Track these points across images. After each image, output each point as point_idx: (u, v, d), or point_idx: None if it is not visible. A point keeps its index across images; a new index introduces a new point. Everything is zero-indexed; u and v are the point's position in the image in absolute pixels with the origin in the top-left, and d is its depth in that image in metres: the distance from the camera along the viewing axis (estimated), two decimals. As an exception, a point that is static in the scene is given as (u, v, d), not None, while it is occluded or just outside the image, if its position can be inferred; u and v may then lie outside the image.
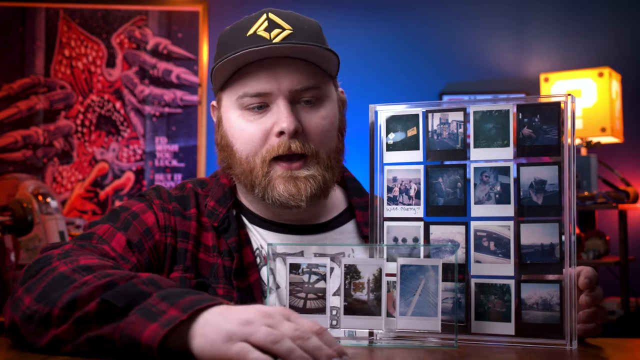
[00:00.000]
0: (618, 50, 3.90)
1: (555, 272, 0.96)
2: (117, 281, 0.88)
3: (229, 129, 1.20)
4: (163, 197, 1.21)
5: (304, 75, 1.17)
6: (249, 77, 1.16)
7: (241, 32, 1.17)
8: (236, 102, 1.18)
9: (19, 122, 3.86)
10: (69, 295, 0.89)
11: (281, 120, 1.14)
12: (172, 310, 0.82)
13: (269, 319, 0.80)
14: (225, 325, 0.79)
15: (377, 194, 1.06)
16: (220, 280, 1.14)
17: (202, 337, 0.80)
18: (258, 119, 1.16)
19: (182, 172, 3.89)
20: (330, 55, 1.17)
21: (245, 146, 1.17)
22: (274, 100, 1.16)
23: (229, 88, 1.19)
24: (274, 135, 1.15)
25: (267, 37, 1.15)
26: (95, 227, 1.13)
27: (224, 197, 1.23)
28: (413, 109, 1.05)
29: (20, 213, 2.55)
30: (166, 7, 3.95)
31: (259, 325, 0.79)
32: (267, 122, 1.16)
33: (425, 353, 0.92)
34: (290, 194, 1.14)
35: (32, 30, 3.90)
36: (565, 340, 0.94)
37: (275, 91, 1.15)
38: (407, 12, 4.01)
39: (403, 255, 0.99)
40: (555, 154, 0.97)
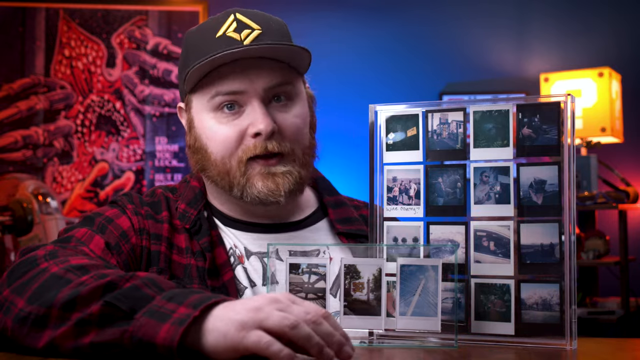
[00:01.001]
0: (618, 50, 3.90)
1: (555, 272, 0.96)
2: (117, 281, 0.87)
3: (202, 130, 1.19)
4: (135, 202, 1.21)
5: (276, 73, 1.17)
6: (222, 78, 1.15)
7: (210, 34, 1.16)
8: (208, 103, 1.17)
9: (19, 122, 3.86)
10: (66, 294, 0.87)
11: (257, 121, 1.14)
12: (181, 309, 0.81)
13: (277, 304, 0.80)
14: (235, 316, 0.79)
15: (377, 194, 1.06)
16: (195, 280, 1.13)
17: (214, 331, 0.79)
18: (232, 120, 1.16)
19: (182, 172, 3.89)
20: (302, 52, 1.16)
21: (220, 148, 1.17)
22: (248, 100, 1.16)
23: (201, 90, 1.18)
24: (249, 136, 1.15)
25: (238, 38, 1.14)
26: (72, 231, 1.13)
27: (194, 199, 1.23)
28: (413, 109, 1.05)
29: (20, 213, 2.55)
30: (166, 7, 3.95)
31: (269, 311, 0.79)
32: (242, 123, 1.16)
33: (425, 353, 0.92)
34: (269, 189, 1.15)
35: (32, 30, 3.90)
36: (565, 340, 0.94)
37: (249, 90, 1.15)
38: (407, 12, 4.01)
39: (403, 255, 0.99)
40: (555, 154, 0.97)
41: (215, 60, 1.13)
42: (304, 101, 1.23)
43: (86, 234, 1.11)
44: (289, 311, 0.79)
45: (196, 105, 1.20)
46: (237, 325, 0.78)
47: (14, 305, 0.91)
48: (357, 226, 1.24)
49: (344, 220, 1.25)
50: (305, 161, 1.19)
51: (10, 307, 0.91)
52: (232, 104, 1.16)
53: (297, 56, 1.17)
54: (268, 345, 0.76)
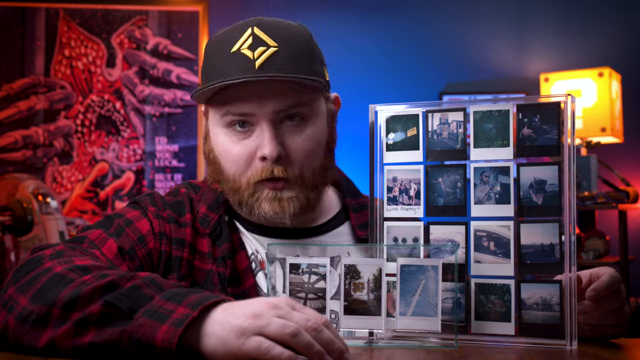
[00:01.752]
0: (618, 50, 3.90)
1: (555, 272, 0.96)
2: (118, 281, 0.87)
3: (215, 145, 1.20)
4: (158, 204, 1.20)
5: (288, 95, 1.14)
6: (233, 97, 1.14)
7: (226, 48, 1.15)
8: (221, 120, 1.17)
9: (19, 122, 3.86)
10: (67, 294, 0.88)
11: (264, 146, 1.13)
12: (180, 309, 0.82)
13: (277, 310, 0.80)
14: (235, 321, 0.79)
15: (377, 194, 1.06)
16: (216, 287, 1.13)
17: (212, 336, 0.79)
18: (242, 140, 1.15)
19: (182, 172, 3.89)
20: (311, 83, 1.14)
21: (231, 165, 1.17)
22: (257, 121, 1.14)
23: (215, 105, 1.18)
24: (257, 159, 1.14)
25: (251, 56, 1.12)
26: (87, 231, 1.12)
27: (215, 202, 1.22)
28: (413, 109, 1.05)
29: (20, 213, 2.55)
30: (166, 7, 3.95)
31: (269, 317, 0.79)
32: (251, 145, 1.15)
33: (425, 353, 0.92)
34: (275, 212, 1.15)
35: (32, 30, 3.90)
36: (565, 340, 0.94)
37: (259, 113, 1.13)
38: (407, 12, 4.01)
39: (403, 255, 0.99)
40: (555, 154, 0.97)
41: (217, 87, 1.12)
42: (322, 119, 1.19)
43: (100, 236, 1.11)
44: (289, 318, 0.79)
45: (212, 118, 1.20)
46: (237, 331, 0.78)
47: (17, 303, 0.91)
48: None
49: (365, 225, 1.22)
50: (314, 184, 1.18)
51: (13, 305, 0.92)
52: (243, 122, 1.15)
53: (307, 82, 1.15)
54: (268, 350, 0.76)
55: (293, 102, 1.14)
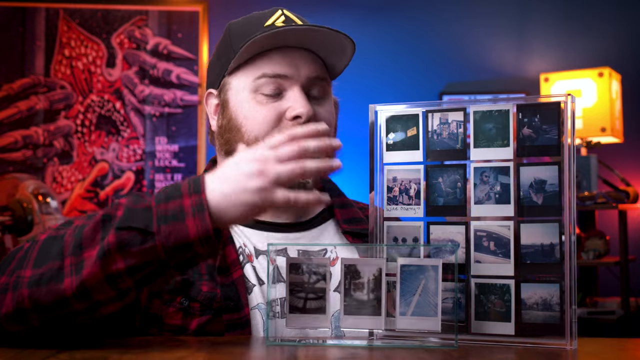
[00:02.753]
0: (618, 50, 3.90)
1: (555, 272, 0.96)
2: (109, 212, 0.92)
3: (239, 109, 1.21)
4: None
5: (318, 66, 1.22)
6: (269, 60, 1.19)
7: (258, 23, 1.20)
8: (252, 84, 1.19)
9: (19, 122, 3.86)
10: (68, 243, 0.92)
11: (298, 105, 1.17)
12: (186, 201, 0.90)
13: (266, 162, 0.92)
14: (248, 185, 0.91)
15: (377, 194, 1.05)
16: (204, 277, 1.14)
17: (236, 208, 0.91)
18: (271, 103, 1.19)
19: (182, 172, 3.89)
20: (346, 49, 1.21)
21: (256, 127, 1.19)
22: (290, 85, 1.19)
23: (244, 70, 1.21)
24: (287, 120, 1.18)
25: None
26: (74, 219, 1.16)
27: None
28: (413, 109, 1.05)
29: (20, 213, 2.55)
30: (166, 7, 3.95)
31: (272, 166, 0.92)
32: (282, 106, 1.19)
33: (425, 353, 0.92)
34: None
35: (32, 30, 3.90)
36: (565, 340, 0.94)
37: (294, 75, 1.19)
38: (407, 12, 4.01)
39: (403, 255, 0.99)
40: (555, 154, 0.97)
41: (269, 37, 1.16)
42: (332, 104, 1.26)
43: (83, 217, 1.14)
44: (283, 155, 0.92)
45: (236, 86, 1.22)
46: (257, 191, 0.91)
47: (20, 277, 0.93)
48: (363, 226, 1.25)
49: (350, 220, 1.26)
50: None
51: (17, 282, 0.93)
52: (274, 88, 1.19)
53: (340, 50, 1.21)
54: (297, 198, 0.93)
55: (320, 74, 1.22)
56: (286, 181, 0.92)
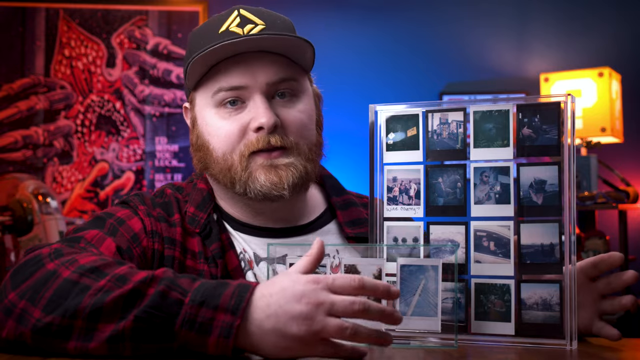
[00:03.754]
0: (618, 50, 3.90)
1: (555, 272, 0.96)
2: (139, 288, 0.85)
3: (204, 127, 1.18)
4: (147, 203, 1.18)
5: (280, 68, 1.15)
6: (224, 73, 1.14)
7: (212, 30, 1.16)
8: (211, 100, 1.16)
9: (19, 122, 3.86)
10: (88, 304, 0.85)
11: (259, 115, 1.12)
12: (220, 316, 0.82)
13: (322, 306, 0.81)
14: (289, 330, 0.81)
15: (377, 194, 1.05)
16: None
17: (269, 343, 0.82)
18: (234, 115, 1.15)
19: (182, 172, 3.89)
20: (305, 47, 1.15)
21: (222, 144, 1.15)
22: (250, 95, 1.14)
23: (203, 86, 1.17)
24: (251, 131, 1.13)
25: (241, 32, 1.14)
26: (81, 232, 1.09)
27: (203, 202, 1.21)
28: (413, 109, 1.05)
29: (20, 213, 2.55)
30: (166, 7, 3.95)
31: (321, 320, 0.80)
32: (244, 118, 1.14)
33: (425, 353, 0.92)
34: (272, 183, 1.13)
35: (32, 30, 3.90)
36: (565, 340, 0.94)
37: (251, 85, 1.14)
38: (407, 12, 4.01)
39: (403, 255, 0.99)
40: (555, 154, 0.97)
41: (214, 51, 1.11)
42: (310, 98, 1.21)
43: (97, 236, 1.08)
44: (336, 310, 0.80)
45: (199, 103, 1.19)
46: (297, 340, 0.81)
47: (28, 314, 0.88)
48: (367, 228, 1.23)
49: (352, 222, 1.23)
50: (311, 156, 1.17)
51: (24, 317, 0.88)
52: (234, 100, 1.15)
53: (298, 49, 1.16)
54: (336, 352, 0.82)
55: (284, 76, 1.15)
56: (331, 337, 0.82)
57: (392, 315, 0.83)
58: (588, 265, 1.05)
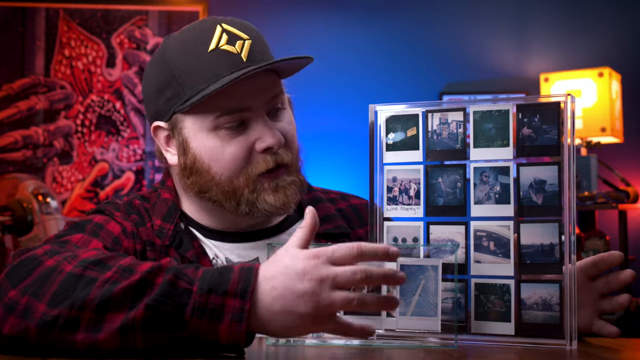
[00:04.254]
0: (618, 50, 3.90)
1: (555, 272, 0.96)
2: (147, 277, 0.84)
3: (203, 151, 1.13)
4: (121, 210, 1.18)
5: (274, 83, 1.16)
6: (227, 96, 1.10)
7: (200, 48, 1.12)
8: (211, 123, 1.12)
9: (19, 122, 3.86)
10: (96, 295, 0.84)
11: (266, 136, 1.12)
12: (229, 301, 0.83)
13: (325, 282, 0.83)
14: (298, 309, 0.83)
15: (377, 194, 1.05)
16: None
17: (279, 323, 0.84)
18: (236, 137, 1.12)
19: (182, 172, 3.89)
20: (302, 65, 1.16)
21: (226, 167, 1.13)
22: (253, 115, 1.13)
23: (201, 110, 1.12)
24: (257, 152, 1.13)
25: (235, 50, 1.11)
26: (65, 237, 1.08)
27: (168, 213, 1.19)
28: (413, 109, 1.05)
29: (20, 213, 2.56)
30: (166, 7, 3.95)
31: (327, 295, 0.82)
32: (249, 139, 1.13)
33: (425, 353, 0.92)
34: (281, 203, 1.14)
35: (32, 30, 3.90)
36: (565, 340, 0.94)
37: (255, 105, 1.12)
38: (407, 12, 4.01)
39: (403, 255, 0.99)
40: (555, 154, 0.97)
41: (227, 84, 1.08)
42: (289, 109, 1.22)
43: (82, 239, 1.07)
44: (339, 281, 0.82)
45: (192, 126, 1.14)
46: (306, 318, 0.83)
47: (33, 309, 0.86)
48: (336, 223, 1.23)
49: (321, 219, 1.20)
50: (299, 167, 1.19)
51: (29, 312, 0.87)
52: (236, 123, 1.12)
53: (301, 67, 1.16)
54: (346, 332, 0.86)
55: (278, 90, 1.16)
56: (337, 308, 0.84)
57: (394, 276, 0.85)
58: (588, 264, 1.05)
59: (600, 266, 1.06)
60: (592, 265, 1.06)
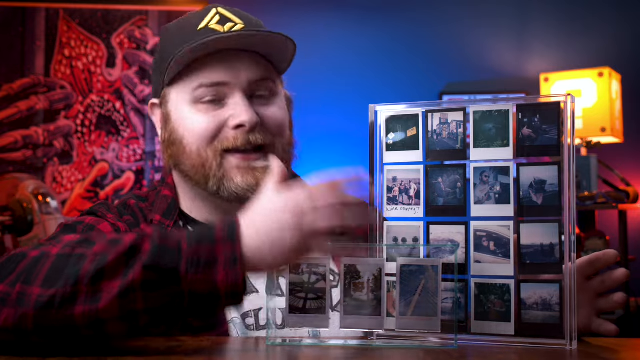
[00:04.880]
0: (618, 50, 3.90)
1: (555, 272, 0.96)
2: (136, 243, 0.86)
3: (179, 122, 1.16)
4: (113, 211, 1.18)
5: (260, 67, 1.17)
6: (206, 68, 1.14)
7: (190, 27, 1.15)
8: (190, 95, 1.15)
9: (19, 122, 3.86)
10: (89, 268, 0.84)
11: (240, 113, 1.13)
12: (219, 247, 0.85)
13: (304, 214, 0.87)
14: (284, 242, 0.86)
15: (377, 194, 1.05)
16: None
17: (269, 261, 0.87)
18: (211, 112, 1.14)
19: (182, 172, 3.89)
20: (288, 44, 1.16)
21: (196, 138, 1.14)
22: (231, 92, 1.14)
23: (181, 82, 1.16)
24: (229, 128, 1.14)
25: (222, 29, 1.14)
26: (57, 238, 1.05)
27: (168, 209, 1.20)
28: (413, 109, 1.05)
29: (20, 213, 2.55)
30: (166, 7, 3.95)
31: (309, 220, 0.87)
32: (223, 115, 1.14)
33: (425, 353, 0.92)
34: (248, 185, 1.13)
35: (32, 30, 3.90)
36: (565, 340, 0.94)
37: (233, 82, 1.14)
38: (407, 12, 4.01)
39: (403, 255, 0.99)
40: (555, 154, 0.97)
41: (199, 46, 1.11)
42: (283, 101, 1.22)
43: None
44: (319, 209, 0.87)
45: (175, 98, 1.18)
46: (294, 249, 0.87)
47: (27, 295, 0.86)
48: None
49: None
50: (286, 157, 1.18)
51: (23, 298, 0.86)
52: (213, 98, 1.14)
53: (283, 47, 1.16)
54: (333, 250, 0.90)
55: (264, 75, 1.17)
56: (322, 235, 0.88)
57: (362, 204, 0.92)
58: (584, 263, 1.05)
59: (596, 265, 1.06)
60: (588, 265, 1.05)
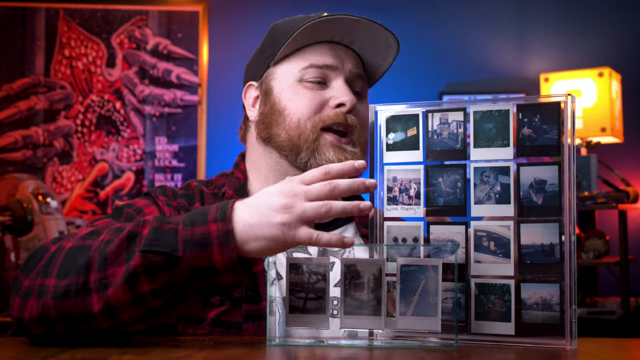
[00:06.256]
0: (618, 50, 3.90)
1: (555, 272, 0.96)
2: (134, 230, 0.92)
3: (284, 94, 1.25)
4: (167, 194, 1.24)
5: (360, 66, 1.29)
6: (315, 51, 1.25)
7: (302, 18, 1.25)
8: (298, 73, 1.24)
9: (19, 122, 3.86)
10: (95, 256, 0.92)
11: (342, 94, 1.23)
12: (212, 227, 0.90)
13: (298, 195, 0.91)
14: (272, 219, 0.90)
15: (377, 194, 1.05)
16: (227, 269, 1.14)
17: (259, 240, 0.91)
18: (316, 90, 1.24)
19: (182, 172, 3.89)
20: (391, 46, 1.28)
21: (299, 110, 1.22)
22: (335, 77, 1.25)
23: (290, 60, 1.26)
24: (330, 107, 1.23)
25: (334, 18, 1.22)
26: (97, 222, 1.14)
27: (240, 189, 1.27)
28: (413, 109, 1.05)
29: (20, 213, 2.55)
30: (166, 7, 3.95)
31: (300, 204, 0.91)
32: (326, 94, 1.24)
33: (425, 353, 0.92)
34: (339, 160, 1.20)
35: (32, 30, 3.90)
36: (565, 340, 0.94)
37: (339, 67, 1.25)
38: (407, 11, 4.01)
39: (403, 255, 0.99)
40: (555, 154, 0.97)
41: (323, 21, 1.20)
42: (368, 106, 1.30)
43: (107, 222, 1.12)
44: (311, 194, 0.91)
45: (282, 75, 1.26)
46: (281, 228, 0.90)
47: (45, 286, 0.93)
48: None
49: (364, 224, 1.28)
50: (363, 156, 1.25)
51: (42, 290, 0.93)
52: (319, 80, 1.24)
53: (385, 45, 1.27)
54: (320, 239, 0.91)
55: (362, 73, 1.29)
56: (312, 219, 0.92)
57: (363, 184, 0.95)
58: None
59: None
60: None
